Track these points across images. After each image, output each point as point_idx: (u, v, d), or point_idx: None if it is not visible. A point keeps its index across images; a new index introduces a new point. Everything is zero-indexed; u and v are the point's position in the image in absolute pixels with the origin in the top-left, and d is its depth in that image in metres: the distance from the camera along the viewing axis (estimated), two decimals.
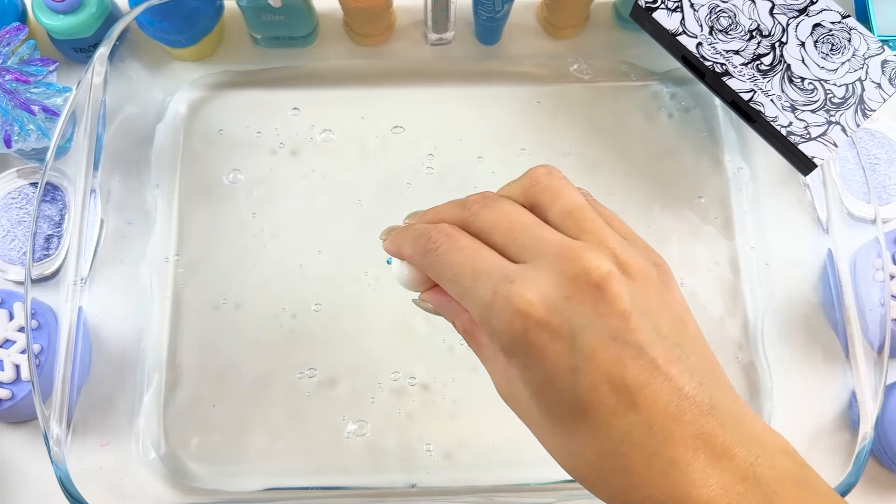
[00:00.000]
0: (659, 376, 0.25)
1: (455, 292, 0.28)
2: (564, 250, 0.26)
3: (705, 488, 0.24)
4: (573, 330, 0.25)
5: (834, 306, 0.41)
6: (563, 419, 0.26)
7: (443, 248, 0.28)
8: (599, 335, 0.25)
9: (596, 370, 0.25)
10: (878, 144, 0.50)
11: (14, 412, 0.42)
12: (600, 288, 0.25)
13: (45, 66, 0.44)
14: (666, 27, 0.42)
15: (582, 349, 0.25)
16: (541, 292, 0.25)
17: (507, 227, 0.28)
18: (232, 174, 0.49)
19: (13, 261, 0.46)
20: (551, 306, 0.25)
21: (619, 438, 0.25)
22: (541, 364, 0.25)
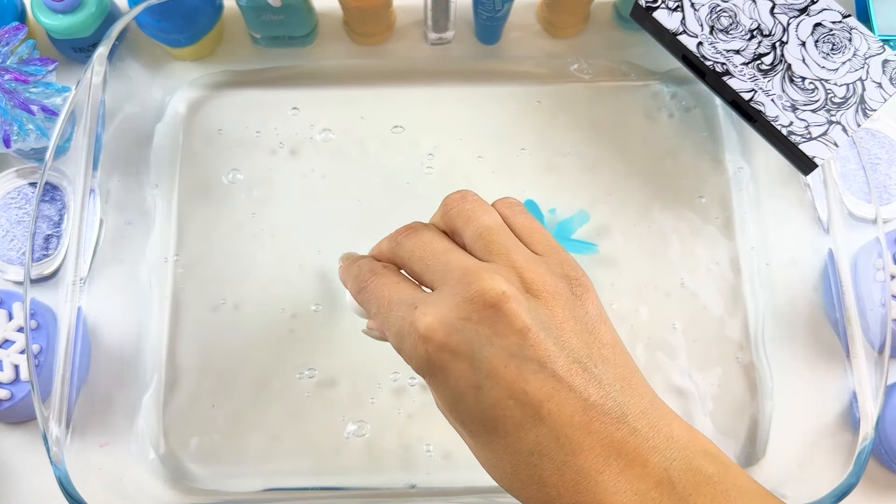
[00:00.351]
0: (562, 388, 0.25)
1: (380, 324, 0.30)
2: (465, 274, 0.27)
3: (618, 495, 0.24)
4: (472, 350, 0.26)
5: (834, 306, 0.41)
6: (478, 434, 0.27)
7: (371, 284, 0.30)
8: (498, 353, 0.26)
9: (498, 386, 0.26)
10: (879, 144, 0.50)
11: (13, 412, 0.42)
12: (496, 308, 0.26)
13: (45, 66, 0.44)
14: (666, 27, 0.42)
15: (482, 368, 0.26)
16: (440, 316, 0.27)
17: (420, 255, 0.30)
18: (231, 174, 0.49)
19: (12, 261, 0.46)
20: (450, 329, 0.26)
21: (529, 450, 0.25)
22: (447, 384, 0.27)
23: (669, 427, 0.26)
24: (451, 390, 0.27)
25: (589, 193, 0.48)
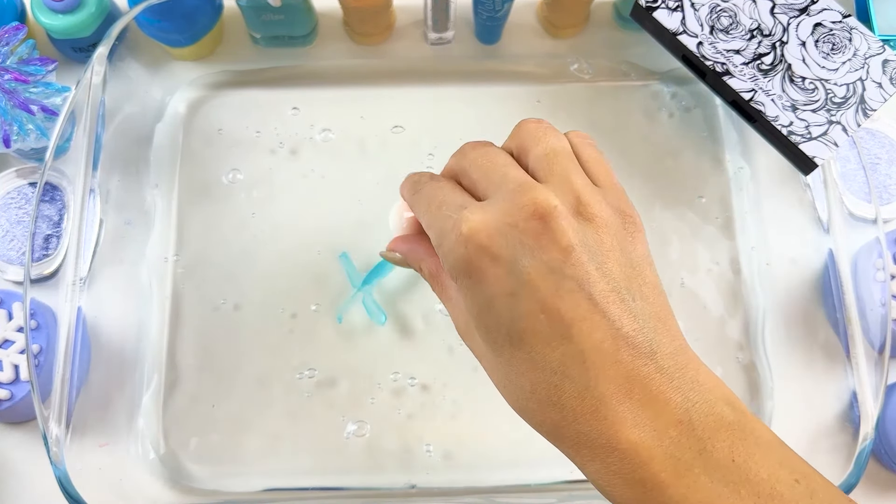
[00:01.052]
0: (596, 313, 0.25)
1: (425, 223, 0.30)
2: (521, 185, 0.27)
3: (636, 429, 0.24)
4: (514, 256, 0.26)
5: (835, 306, 0.41)
6: (502, 345, 0.26)
7: (426, 186, 0.31)
8: (538, 265, 0.25)
9: (532, 297, 0.25)
10: (879, 144, 0.50)
11: (13, 412, 0.42)
12: (545, 220, 0.26)
13: (44, 66, 0.44)
14: (666, 27, 0.42)
15: (520, 275, 0.25)
16: (486, 219, 0.26)
17: (480, 163, 0.29)
18: (231, 174, 0.49)
19: (12, 261, 0.46)
20: (494, 232, 0.26)
21: (553, 369, 0.25)
22: (481, 287, 0.26)
23: (696, 371, 0.26)
24: (483, 295, 0.26)
25: None
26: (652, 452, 0.24)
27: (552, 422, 0.26)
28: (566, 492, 0.43)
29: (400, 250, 0.34)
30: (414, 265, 0.33)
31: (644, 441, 0.24)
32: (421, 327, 0.46)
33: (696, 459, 0.24)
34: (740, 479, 0.24)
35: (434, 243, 0.29)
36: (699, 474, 0.24)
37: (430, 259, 0.32)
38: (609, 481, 0.25)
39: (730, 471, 0.24)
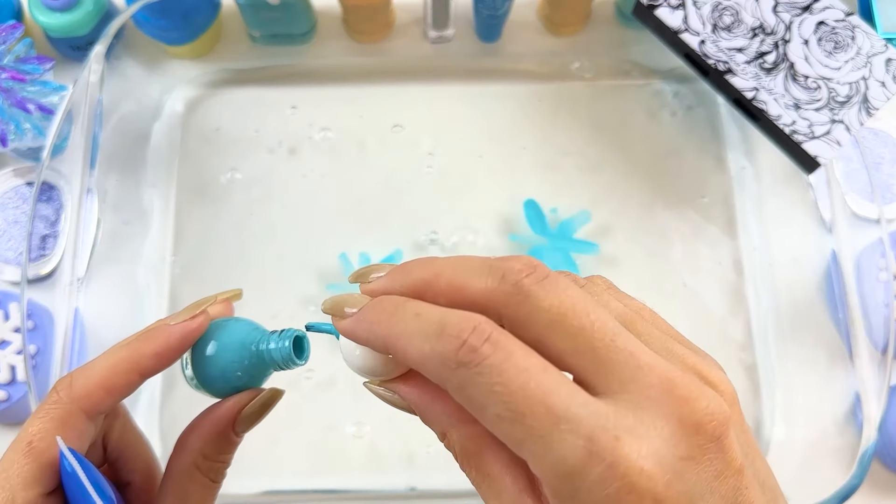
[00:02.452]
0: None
1: (507, 434, 0.19)
2: (670, 383, 0.19)
3: None
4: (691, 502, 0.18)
5: (837, 307, 0.41)
6: None
7: (491, 362, 0.18)
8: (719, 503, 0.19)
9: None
10: (883, 143, 0.50)
11: (10, 414, 0.42)
12: (720, 441, 0.19)
13: (42, 65, 0.44)
14: (669, 25, 0.42)
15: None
16: (656, 454, 0.18)
17: (577, 327, 0.19)
18: (229, 173, 0.48)
19: (9, 261, 0.46)
20: (671, 474, 0.18)
21: None
22: None
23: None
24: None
25: (590, 193, 0.48)
26: None
27: None
28: None
29: (412, 399, 0.22)
30: (431, 426, 0.22)
31: None
32: None
33: None
34: None
35: (551, 481, 0.18)
36: None
37: (463, 428, 0.21)
38: None
39: None
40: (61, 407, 0.23)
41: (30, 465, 0.22)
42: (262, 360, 0.25)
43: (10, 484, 0.22)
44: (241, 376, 0.25)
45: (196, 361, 0.25)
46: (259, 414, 0.26)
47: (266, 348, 0.25)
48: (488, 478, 0.20)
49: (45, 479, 0.22)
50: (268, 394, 0.26)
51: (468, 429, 0.21)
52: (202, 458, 0.26)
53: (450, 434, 0.21)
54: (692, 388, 0.19)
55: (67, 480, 0.22)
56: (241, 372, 0.25)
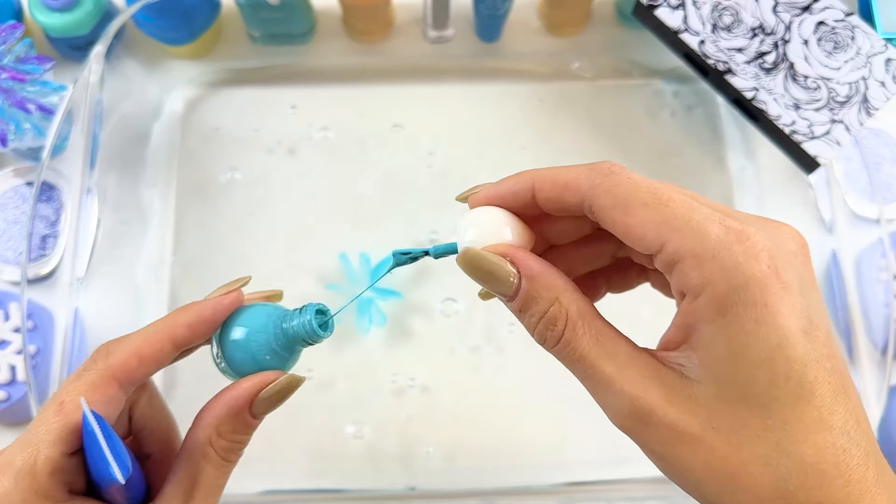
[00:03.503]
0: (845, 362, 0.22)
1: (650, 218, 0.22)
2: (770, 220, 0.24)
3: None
4: (801, 288, 0.21)
5: (838, 307, 0.41)
6: (784, 401, 0.21)
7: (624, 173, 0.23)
8: (816, 301, 0.22)
9: (820, 339, 0.21)
10: (883, 143, 0.50)
11: (10, 413, 0.42)
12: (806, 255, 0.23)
13: (41, 65, 0.44)
14: (669, 25, 0.42)
15: (809, 312, 0.21)
16: (773, 241, 0.22)
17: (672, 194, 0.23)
18: (229, 173, 0.48)
19: (9, 261, 0.46)
20: (784, 257, 0.21)
21: (842, 429, 0.21)
22: (776, 320, 0.20)
23: None
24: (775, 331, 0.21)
25: None
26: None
27: (834, 499, 0.20)
28: (566, 494, 0.43)
29: (523, 265, 0.23)
30: (539, 295, 0.23)
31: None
32: (421, 328, 0.45)
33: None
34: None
35: (689, 253, 0.21)
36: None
37: (577, 294, 0.23)
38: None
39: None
40: (96, 373, 0.24)
41: (57, 424, 0.23)
42: (288, 337, 0.25)
43: (36, 440, 0.23)
44: (270, 360, 0.26)
45: (224, 346, 0.26)
46: (277, 398, 0.26)
47: (290, 325, 0.25)
48: (604, 339, 0.22)
49: (70, 439, 0.23)
50: (286, 378, 0.26)
51: (581, 296, 0.23)
52: (216, 436, 0.26)
53: (564, 299, 0.23)
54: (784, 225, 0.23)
55: (88, 442, 0.23)
56: (270, 355, 0.26)
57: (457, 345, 0.45)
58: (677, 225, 0.21)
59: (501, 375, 0.44)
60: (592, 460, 0.43)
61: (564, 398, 0.44)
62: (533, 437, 0.44)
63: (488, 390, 0.44)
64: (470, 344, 0.45)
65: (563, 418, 0.44)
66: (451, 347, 0.45)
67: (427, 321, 0.45)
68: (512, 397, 0.44)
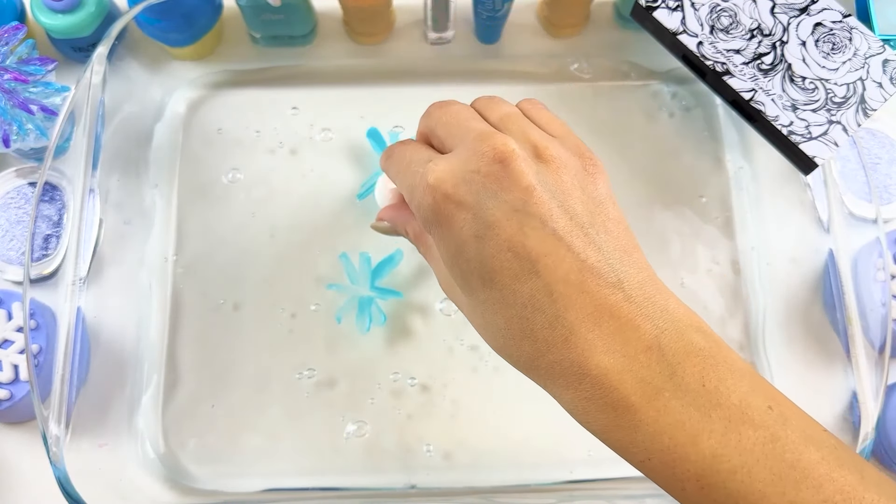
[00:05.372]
0: (561, 247, 0.26)
1: (398, 185, 0.32)
2: (481, 134, 0.29)
3: (606, 355, 0.25)
4: (477, 201, 0.27)
5: (835, 306, 0.41)
6: (476, 287, 0.28)
7: (396, 150, 0.32)
8: (502, 206, 0.27)
9: (498, 237, 0.27)
10: (880, 144, 0.50)
11: (12, 412, 0.42)
12: (505, 164, 0.27)
13: (44, 66, 0.44)
14: (667, 26, 0.42)
15: (485, 218, 0.27)
16: (449, 168, 0.28)
17: (445, 120, 0.31)
18: (231, 174, 0.49)
19: (11, 261, 0.46)
20: (458, 180, 0.28)
21: (523, 303, 0.26)
22: (450, 234, 0.28)
23: (665, 301, 0.27)
24: (453, 240, 0.28)
25: None
26: (622, 377, 0.25)
27: (527, 354, 0.27)
28: (566, 492, 0.43)
29: (387, 218, 0.35)
30: (400, 230, 0.35)
31: (614, 366, 0.25)
32: (421, 327, 0.46)
33: (666, 383, 0.25)
34: (711, 404, 0.24)
35: (407, 200, 0.30)
36: (669, 398, 0.24)
37: (414, 221, 0.33)
38: (583, 408, 0.26)
39: (700, 395, 0.25)
40: None
41: None
42: None
43: None
44: None
45: None
46: None
47: None
48: (427, 246, 0.32)
49: None
50: None
51: (417, 223, 0.32)
52: None
53: (408, 227, 0.34)
54: (495, 136, 0.28)
55: None
56: None
57: (456, 344, 0.45)
58: (403, 184, 0.31)
59: (501, 374, 0.45)
60: (592, 458, 0.43)
61: None
62: (532, 435, 0.44)
63: (488, 389, 0.45)
64: (470, 343, 0.45)
65: (563, 416, 0.44)
66: (450, 347, 0.45)
67: (427, 320, 0.46)
68: (511, 396, 0.44)
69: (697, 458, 0.24)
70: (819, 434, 0.25)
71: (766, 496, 0.23)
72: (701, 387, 0.25)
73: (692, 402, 0.24)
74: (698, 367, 0.25)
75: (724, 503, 0.24)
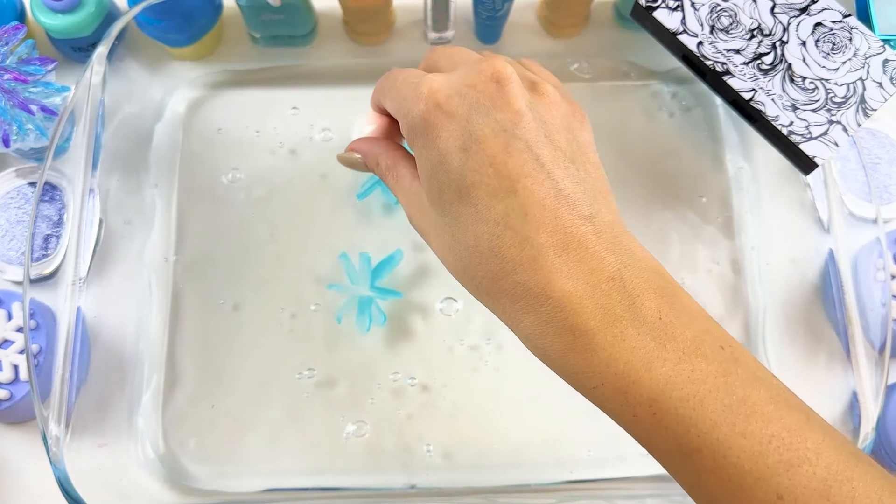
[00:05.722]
0: (541, 172, 0.27)
1: (390, 100, 0.32)
2: (482, 58, 0.29)
3: (570, 280, 0.26)
4: (468, 114, 0.28)
5: (835, 306, 0.41)
6: (449, 202, 0.28)
7: (393, 72, 0.33)
8: (491, 123, 0.27)
9: (483, 152, 0.27)
10: (880, 144, 0.50)
11: (12, 412, 0.42)
12: (501, 84, 0.28)
13: (44, 66, 0.44)
14: (667, 26, 0.42)
15: (473, 132, 0.27)
16: (445, 81, 0.29)
17: (449, 53, 0.32)
18: (231, 173, 0.49)
19: (11, 261, 0.46)
20: (453, 92, 0.28)
21: (496, 220, 0.27)
22: (435, 144, 0.28)
23: (630, 243, 0.27)
24: (437, 150, 0.28)
25: None
26: (583, 302, 0.25)
27: (491, 274, 0.27)
28: (566, 492, 0.43)
29: (359, 150, 0.35)
30: (370, 162, 0.34)
31: (576, 291, 0.26)
32: (421, 327, 0.46)
33: (625, 312, 0.25)
34: (666, 336, 0.25)
35: (394, 111, 0.31)
36: (627, 326, 0.25)
37: (387, 153, 0.33)
38: (541, 331, 0.26)
39: (656, 326, 0.25)
40: None
41: None
42: None
43: None
44: None
45: None
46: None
47: None
48: (399, 177, 0.32)
49: None
50: None
51: (391, 153, 0.33)
52: None
53: (380, 158, 0.33)
54: (496, 59, 0.29)
55: None
56: None
57: (456, 344, 0.45)
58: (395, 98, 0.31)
59: (501, 374, 0.45)
60: (591, 458, 0.43)
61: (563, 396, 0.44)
62: (532, 435, 0.44)
63: (488, 389, 0.45)
64: (470, 343, 0.45)
65: (563, 416, 0.44)
66: (450, 347, 0.45)
67: (427, 320, 0.46)
68: (511, 395, 0.44)
69: (651, 383, 0.25)
70: (768, 377, 0.26)
71: (716, 425, 0.24)
72: (658, 319, 0.25)
73: (648, 331, 0.25)
74: (656, 302, 0.26)
75: (674, 429, 0.24)
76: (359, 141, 0.35)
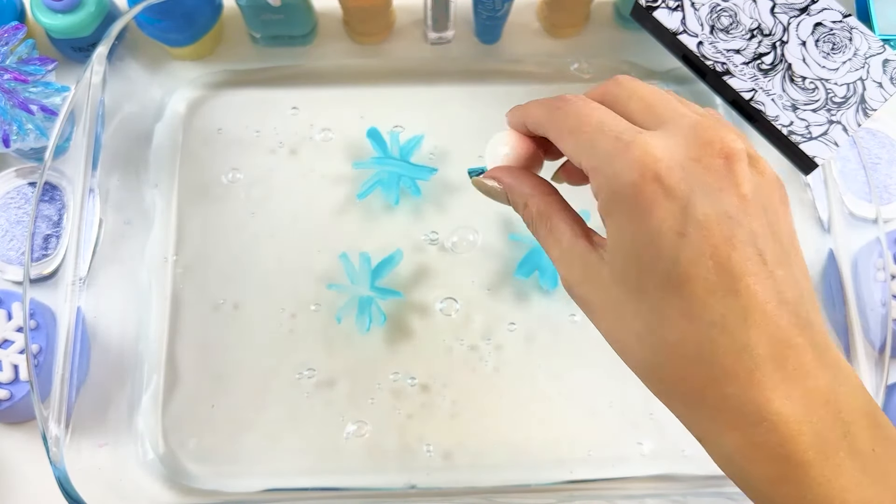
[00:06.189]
0: (765, 270, 0.23)
1: (572, 146, 0.27)
2: (699, 122, 0.25)
3: (789, 401, 0.23)
4: (691, 193, 0.24)
5: (835, 306, 0.41)
6: (652, 290, 0.24)
7: (575, 103, 0.27)
8: (717, 207, 0.24)
9: (704, 241, 0.23)
10: (880, 144, 0.50)
11: (12, 412, 0.42)
12: (729, 161, 0.24)
13: (44, 66, 0.44)
14: (667, 26, 0.42)
15: (695, 215, 0.23)
16: (667, 148, 0.24)
17: (643, 94, 0.27)
18: (231, 173, 0.49)
19: (11, 261, 0.46)
20: (675, 164, 0.24)
21: (712, 321, 0.23)
22: (647, 220, 0.24)
23: (838, 354, 0.24)
24: (645, 229, 0.24)
25: (590, 193, 0.48)
26: (801, 428, 0.22)
27: (696, 381, 0.24)
28: (566, 492, 0.43)
29: (503, 181, 0.30)
30: (517, 201, 0.30)
31: (795, 415, 0.23)
32: (421, 327, 0.46)
33: (840, 442, 0.23)
34: (880, 471, 0.23)
35: (588, 163, 0.26)
36: (844, 458, 0.23)
37: (540, 197, 0.29)
38: (749, 455, 0.23)
39: (871, 460, 0.23)
40: None
41: None
42: None
43: None
44: None
45: None
46: None
47: None
48: (554, 230, 0.28)
49: None
50: None
51: (544, 198, 0.29)
52: None
53: (530, 203, 0.29)
54: (722, 128, 0.25)
55: None
56: None
57: (456, 344, 0.45)
58: (586, 146, 0.26)
59: (501, 374, 0.45)
60: (591, 458, 0.43)
61: (563, 396, 0.44)
62: (532, 435, 0.44)
63: (488, 389, 0.45)
64: (469, 343, 0.45)
65: (562, 416, 0.44)
66: (450, 347, 0.45)
67: (427, 320, 0.46)
68: (511, 395, 0.44)
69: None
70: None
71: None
72: (871, 451, 0.23)
73: (863, 466, 0.23)
74: (869, 432, 0.23)
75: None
76: (502, 170, 0.30)
